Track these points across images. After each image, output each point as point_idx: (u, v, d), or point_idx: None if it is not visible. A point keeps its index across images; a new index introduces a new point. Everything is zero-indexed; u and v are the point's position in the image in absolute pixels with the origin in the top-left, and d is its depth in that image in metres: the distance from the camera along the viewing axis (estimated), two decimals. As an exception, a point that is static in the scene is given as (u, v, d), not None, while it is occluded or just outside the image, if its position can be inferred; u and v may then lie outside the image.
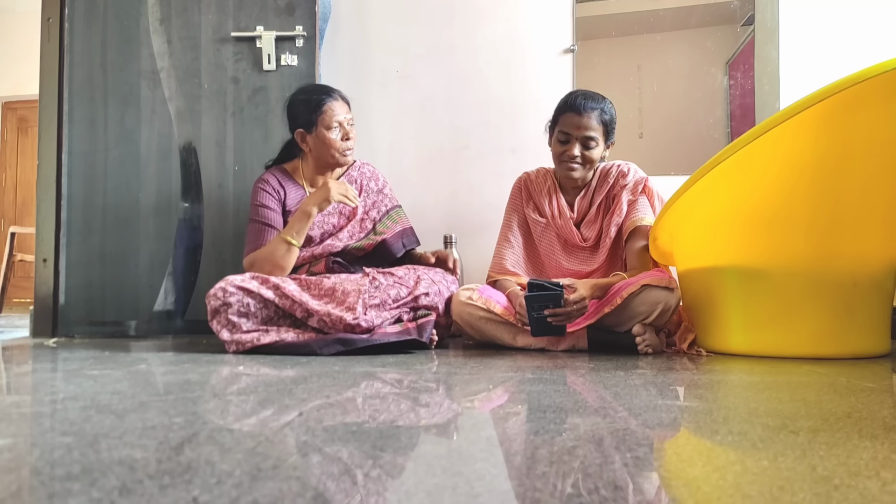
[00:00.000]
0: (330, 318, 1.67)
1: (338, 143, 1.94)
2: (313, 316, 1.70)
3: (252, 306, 1.72)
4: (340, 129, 1.95)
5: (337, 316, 1.67)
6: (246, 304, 1.71)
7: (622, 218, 1.95)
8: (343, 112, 1.96)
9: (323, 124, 1.93)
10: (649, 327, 1.72)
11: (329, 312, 1.68)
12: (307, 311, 1.71)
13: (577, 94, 1.92)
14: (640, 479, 0.59)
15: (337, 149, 1.95)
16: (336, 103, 1.95)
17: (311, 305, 1.70)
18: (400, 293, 1.79)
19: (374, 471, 0.61)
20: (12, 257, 3.82)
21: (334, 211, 2.00)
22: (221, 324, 1.71)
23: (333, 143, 1.94)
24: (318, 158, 1.98)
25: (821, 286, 1.59)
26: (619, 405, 0.96)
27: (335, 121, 1.93)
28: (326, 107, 1.93)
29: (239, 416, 0.86)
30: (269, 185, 1.98)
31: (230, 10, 2.38)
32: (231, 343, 1.69)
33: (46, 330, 2.35)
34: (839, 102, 1.40)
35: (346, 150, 1.97)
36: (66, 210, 2.38)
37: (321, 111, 1.93)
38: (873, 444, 0.72)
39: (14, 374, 1.35)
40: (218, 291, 1.71)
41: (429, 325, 1.79)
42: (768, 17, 2.44)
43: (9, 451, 0.67)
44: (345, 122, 1.96)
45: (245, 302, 1.71)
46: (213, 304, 1.71)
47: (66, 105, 2.39)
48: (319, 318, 1.69)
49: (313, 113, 1.93)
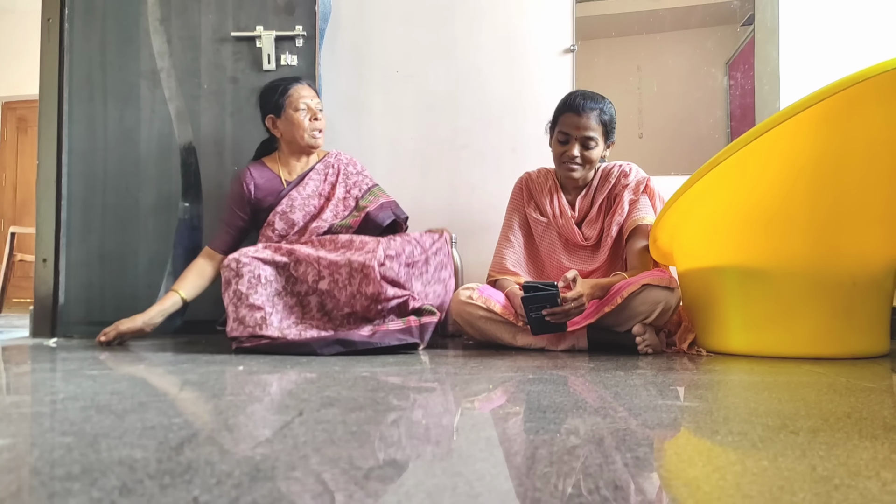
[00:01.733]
0: (350, 267, 1.72)
1: (306, 124, 2.01)
2: (324, 279, 1.74)
3: (262, 277, 1.74)
4: (308, 111, 2.02)
5: (359, 262, 1.71)
6: (257, 276, 1.74)
7: (623, 217, 1.95)
8: (310, 96, 2.04)
9: (291, 106, 2.01)
10: (649, 327, 1.72)
11: (350, 260, 1.73)
12: (319, 273, 1.75)
13: (577, 94, 1.92)
14: (641, 479, 0.59)
15: (305, 129, 2.01)
16: (302, 88, 2.04)
17: (329, 258, 1.75)
18: (414, 251, 1.84)
19: (374, 471, 0.61)
20: (12, 257, 3.82)
21: (314, 193, 2.04)
22: (230, 297, 1.74)
23: (302, 123, 2.01)
24: (290, 142, 2.05)
25: (820, 286, 1.59)
26: (619, 405, 0.96)
27: (302, 102, 2.01)
28: (292, 90, 2.02)
29: (239, 416, 0.86)
30: (239, 183, 2.04)
31: (230, 9, 2.38)
32: (236, 323, 1.70)
33: (46, 330, 2.35)
34: (839, 102, 1.40)
35: (315, 131, 2.03)
36: (65, 210, 2.38)
37: (287, 94, 2.02)
38: (873, 444, 0.72)
39: (14, 374, 1.35)
40: (231, 262, 1.76)
41: (430, 327, 1.79)
42: (768, 17, 2.44)
43: (9, 451, 0.67)
44: (312, 105, 2.03)
45: (256, 273, 1.74)
46: (226, 274, 1.75)
47: (65, 105, 2.39)
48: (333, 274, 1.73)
49: (280, 97, 2.02)
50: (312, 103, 2.03)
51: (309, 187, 2.04)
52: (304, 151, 2.07)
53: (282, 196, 2.01)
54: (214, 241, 2.06)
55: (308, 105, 2.02)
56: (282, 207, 1.99)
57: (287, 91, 2.02)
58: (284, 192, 2.02)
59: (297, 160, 2.09)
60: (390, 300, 1.74)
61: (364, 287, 1.71)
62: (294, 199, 2.01)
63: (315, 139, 2.04)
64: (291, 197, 2.01)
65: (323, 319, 1.77)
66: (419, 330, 1.76)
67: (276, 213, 1.99)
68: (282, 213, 1.99)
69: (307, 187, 2.04)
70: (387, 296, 1.72)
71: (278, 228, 1.99)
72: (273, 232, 2.00)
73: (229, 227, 2.05)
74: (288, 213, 1.99)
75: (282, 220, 1.99)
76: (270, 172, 2.07)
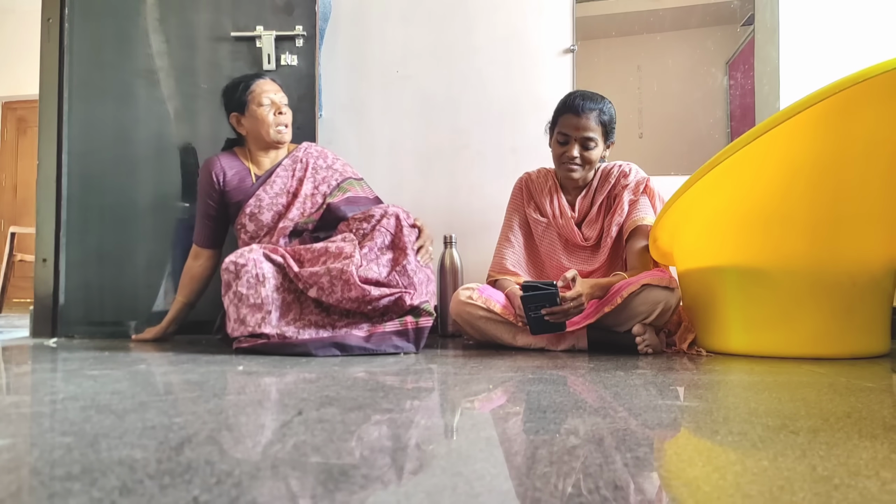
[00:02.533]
0: (330, 275, 1.70)
1: (270, 119, 1.99)
2: (312, 287, 1.73)
3: (261, 275, 1.73)
4: (273, 105, 2.00)
5: (337, 269, 1.70)
6: (255, 275, 1.72)
7: (623, 217, 1.95)
8: (273, 90, 2.02)
9: (254, 102, 1.98)
10: (649, 327, 1.72)
11: (329, 268, 1.71)
12: (305, 283, 1.74)
13: (576, 94, 1.92)
14: (641, 479, 0.59)
15: (270, 124, 1.99)
16: (265, 83, 2.02)
17: (309, 270, 1.73)
18: (385, 240, 1.83)
19: (373, 471, 0.61)
20: (12, 257, 3.82)
21: (282, 191, 2.00)
22: (230, 298, 1.73)
23: (266, 119, 1.98)
24: (256, 139, 2.02)
25: (820, 286, 1.59)
26: (619, 405, 0.96)
27: (265, 97, 1.99)
28: (255, 85, 2.00)
29: (239, 416, 0.86)
30: (207, 172, 2.02)
31: (229, 9, 2.38)
32: (237, 323, 1.70)
33: (46, 330, 2.35)
34: (839, 102, 1.40)
35: (281, 126, 2.01)
36: (65, 210, 2.38)
37: (250, 90, 1.99)
38: (873, 443, 0.72)
39: (14, 374, 1.35)
40: (230, 265, 1.74)
41: (426, 332, 1.76)
42: (768, 17, 2.44)
43: (9, 451, 0.67)
44: (276, 99, 2.01)
45: (254, 273, 1.72)
46: (226, 276, 1.74)
47: (65, 105, 2.39)
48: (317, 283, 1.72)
49: (243, 94, 1.99)
50: (276, 98, 2.00)
51: (276, 185, 2.00)
52: (270, 147, 2.04)
53: (250, 193, 1.98)
54: (196, 236, 2.07)
55: (272, 100, 1.99)
56: (251, 209, 1.96)
57: (249, 87, 1.99)
58: (253, 189, 1.99)
59: (264, 155, 2.06)
60: (379, 299, 1.72)
61: (347, 293, 1.70)
62: (262, 199, 1.97)
63: (280, 134, 2.01)
64: (259, 197, 1.97)
65: (321, 316, 1.76)
66: (415, 334, 1.74)
67: (246, 214, 1.97)
68: (251, 215, 1.96)
69: (275, 185, 2.00)
70: (372, 296, 1.70)
71: (250, 230, 1.97)
72: (245, 234, 1.98)
73: (205, 218, 2.04)
74: (257, 213, 1.96)
75: (252, 221, 1.97)
76: (240, 164, 2.05)
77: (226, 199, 2.01)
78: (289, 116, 2.03)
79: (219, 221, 2.05)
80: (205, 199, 2.02)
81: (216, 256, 2.09)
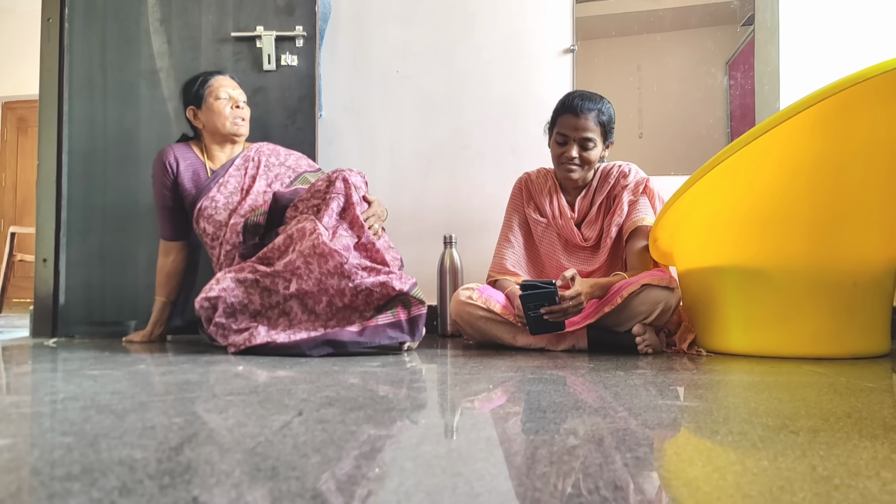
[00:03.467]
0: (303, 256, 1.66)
1: (227, 111, 1.99)
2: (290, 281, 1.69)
3: (237, 304, 1.72)
4: (230, 100, 2.00)
5: (308, 246, 1.66)
6: (230, 304, 1.71)
7: (623, 218, 1.95)
8: (231, 86, 2.03)
9: (211, 96, 2.00)
10: (649, 327, 1.72)
11: (300, 251, 1.67)
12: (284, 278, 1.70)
13: (575, 95, 1.92)
14: (641, 479, 0.59)
15: (227, 116, 1.99)
16: (223, 79, 2.04)
17: (283, 260, 1.70)
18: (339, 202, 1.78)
19: (374, 471, 0.61)
20: (12, 257, 3.82)
21: (236, 190, 1.99)
22: (214, 331, 1.72)
23: (223, 111, 1.99)
24: (213, 131, 2.02)
25: (821, 286, 1.59)
26: (619, 405, 0.96)
27: (223, 91, 2.00)
28: (213, 80, 2.02)
29: (239, 416, 0.86)
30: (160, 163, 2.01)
31: (230, 10, 2.38)
32: (228, 346, 1.70)
33: (46, 330, 2.35)
34: (839, 102, 1.40)
35: (238, 119, 2.01)
36: (65, 210, 2.38)
37: (208, 84, 2.01)
38: (873, 444, 0.72)
39: (14, 374, 1.35)
40: (203, 301, 1.72)
41: (421, 320, 1.71)
42: (768, 17, 2.44)
43: (9, 451, 0.67)
44: (234, 94, 2.01)
45: (230, 302, 1.71)
46: (204, 314, 1.73)
47: (65, 105, 2.39)
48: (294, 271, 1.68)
49: (201, 88, 2.01)
50: (234, 93, 2.02)
51: (231, 184, 1.99)
52: (227, 140, 2.03)
53: (204, 189, 1.97)
54: (161, 231, 2.07)
55: (230, 94, 2.00)
56: (207, 210, 1.94)
57: (207, 82, 2.01)
58: (206, 185, 1.97)
59: (220, 149, 2.05)
60: (357, 271, 1.67)
61: (324, 265, 1.66)
62: (217, 200, 1.96)
63: (238, 126, 2.01)
64: (214, 199, 1.95)
65: (311, 319, 1.71)
66: (409, 324, 1.69)
67: (204, 216, 1.95)
68: (208, 217, 1.94)
69: (229, 184, 1.99)
70: (351, 264, 1.66)
71: (209, 232, 1.95)
72: (207, 237, 1.96)
73: (164, 210, 2.04)
74: (213, 215, 1.94)
75: (209, 223, 1.95)
76: (195, 156, 2.04)
77: (179, 191, 2.00)
78: (246, 112, 2.04)
79: (178, 212, 2.04)
80: (160, 189, 2.02)
81: (186, 247, 2.10)
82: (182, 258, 2.09)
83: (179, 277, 2.10)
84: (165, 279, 2.08)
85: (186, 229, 2.08)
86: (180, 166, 2.00)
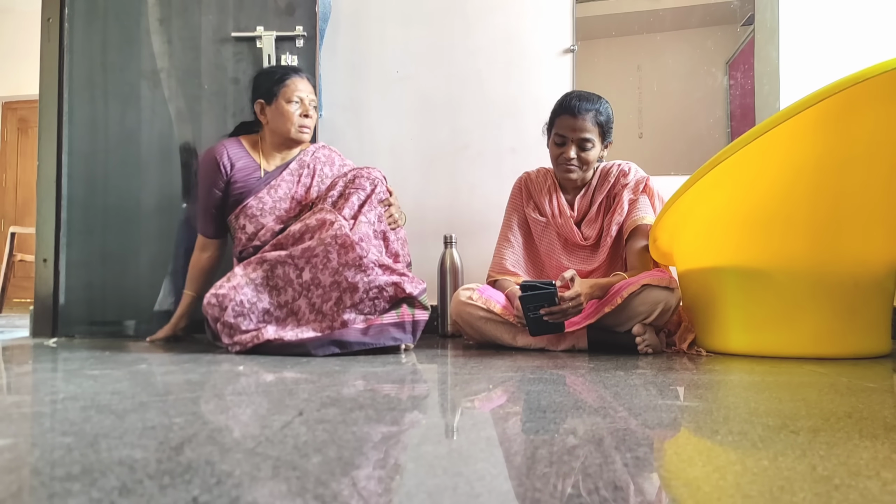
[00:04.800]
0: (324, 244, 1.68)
1: (295, 117, 1.95)
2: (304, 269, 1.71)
3: (246, 302, 1.71)
4: (301, 105, 1.96)
5: (330, 235, 1.68)
6: (240, 302, 1.70)
7: (623, 217, 1.94)
8: (306, 90, 1.98)
9: (284, 97, 1.94)
10: (649, 327, 1.72)
11: (321, 238, 1.69)
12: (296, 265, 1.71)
13: (573, 95, 1.92)
14: (641, 479, 0.59)
15: (294, 122, 1.95)
16: (300, 80, 1.98)
17: (301, 247, 1.71)
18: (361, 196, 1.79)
19: (375, 471, 0.61)
20: (12, 257, 3.82)
21: (286, 196, 1.96)
22: (220, 329, 1.71)
23: (291, 117, 1.94)
24: (275, 132, 1.97)
25: (822, 286, 1.59)
26: (619, 405, 0.96)
27: (296, 95, 1.95)
28: (290, 81, 1.96)
29: (239, 416, 0.86)
30: (213, 159, 1.95)
31: (230, 10, 2.38)
32: (233, 345, 1.69)
33: (46, 330, 2.35)
34: (839, 102, 1.40)
35: (303, 127, 1.97)
36: (66, 210, 2.38)
37: (284, 84, 1.95)
38: (874, 444, 0.72)
39: (14, 374, 1.35)
40: (211, 298, 1.71)
41: (422, 325, 1.75)
42: (768, 17, 2.44)
43: (9, 451, 0.67)
44: (306, 99, 1.97)
45: (239, 300, 1.70)
46: (211, 312, 1.71)
47: (66, 105, 2.39)
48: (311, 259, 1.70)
49: (276, 85, 1.95)
50: (307, 98, 1.97)
51: (281, 189, 1.96)
52: (287, 145, 2.00)
53: (253, 189, 1.94)
54: (203, 228, 2.03)
55: (302, 98, 1.96)
56: (252, 210, 1.91)
57: (284, 80, 1.95)
58: (257, 186, 1.94)
59: (277, 152, 2.01)
60: (374, 267, 1.69)
61: (344, 255, 1.68)
62: (265, 202, 1.92)
63: (302, 134, 1.97)
64: (262, 200, 1.92)
65: (317, 318, 1.71)
66: (412, 326, 1.73)
67: (247, 215, 1.92)
68: (252, 217, 1.91)
69: (279, 189, 1.95)
70: (370, 259, 1.69)
71: (248, 231, 1.92)
72: (244, 234, 1.93)
73: (211, 208, 1.98)
74: (258, 216, 1.91)
75: (251, 223, 1.92)
76: (248, 157, 1.99)
77: (229, 189, 1.96)
78: (314, 119, 2.00)
79: (223, 211, 2.00)
80: (210, 188, 1.96)
81: (223, 245, 2.09)
82: (218, 255, 2.07)
83: (212, 273, 2.06)
84: (199, 274, 2.06)
85: (226, 228, 2.05)
86: (235, 167, 1.95)
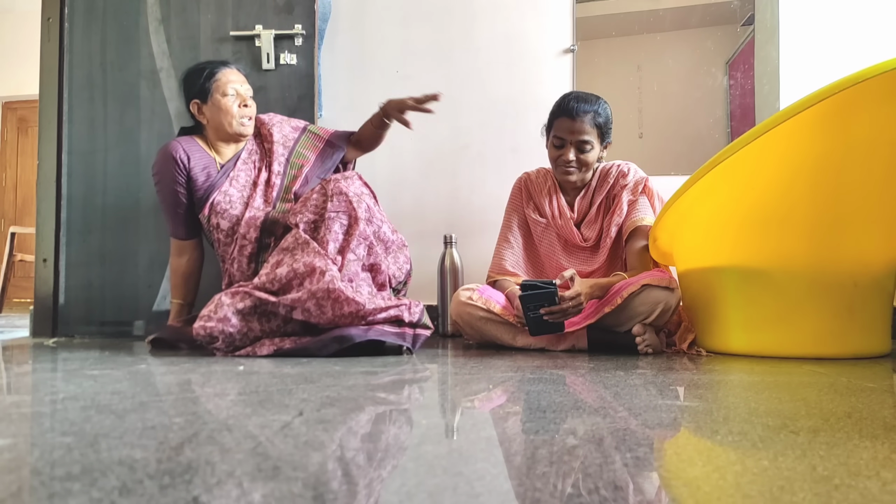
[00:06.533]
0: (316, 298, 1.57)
1: (235, 110, 1.91)
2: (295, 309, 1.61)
3: (236, 334, 1.62)
4: (237, 97, 1.92)
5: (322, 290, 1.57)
6: (230, 335, 1.61)
7: (622, 218, 1.94)
8: (239, 81, 1.94)
9: (218, 91, 1.90)
10: (649, 327, 1.72)
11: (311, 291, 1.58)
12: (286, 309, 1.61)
13: (571, 97, 1.91)
14: (641, 479, 0.59)
15: (234, 115, 1.90)
16: (231, 72, 1.93)
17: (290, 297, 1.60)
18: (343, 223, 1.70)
19: (375, 471, 0.61)
20: (12, 257, 3.82)
21: (247, 183, 1.92)
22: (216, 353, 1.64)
23: (230, 109, 1.90)
24: (217, 129, 1.93)
25: (821, 286, 1.59)
26: (619, 405, 0.96)
27: (231, 87, 1.91)
28: (220, 74, 1.91)
29: (239, 416, 0.86)
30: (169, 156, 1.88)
31: (229, 9, 2.38)
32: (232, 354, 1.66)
33: (46, 330, 2.35)
34: (839, 102, 1.40)
35: (244, 118, 1.93)
36: (66, 210, 2.38)
37: (215, 78, 1.90)
38: (874, 444, 0.72)
39: (14, 374, 1.35)
40: (200, 330, 1.60)
41: (422, 339, 1.71)
42: (768, 17, 2.44)
43: (9, 451, 0.67)
44: (241, 90, 1.93)
45: (228, 332, 1.60)
46: (203, 340, 1.63)
47: (66, 105, 2.39)
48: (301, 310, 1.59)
49: (208, 80, 1.90)
50: (242, 89, 1.93)
51: (241, 178, 1.92)
52: (232, 139, 1.96)
53: (217, 185, 1.90)
54: (173, 230, 1.97)
55: (237, 90, 1.91)
56: (221, 206, 1.87)
57: (214, 75, 1.90)
58: (219, 180, 1.90)
59: (225, 146, 1.98)
60: (375, 313, 1.63)
61: (339, 310, 1.59)
62: (231, 194, 1.89)
63: (244, 126, 1.93)
64: (228, 193, 1.88)
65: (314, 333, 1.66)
66: (413, 339, 1.68)
67: (216, 211, 1.87)
68: (222, 212, 1.87)
69: (240, 178, 1.92)
70: (367, 310, 1.61)
71: (224, 228, 1.87)
72: (220, 233, 1.88)
73: (176, 207, 1.92)
74: (229, 209, 1.87)
75: (224, 218, 1.87)
76: (202, 151, 1.94)
77: (192, 186, 1.90)
78: (253, 109, 1.96)
79: (191, 209, 1.94)
80: (171, 186, 1.89)
81: (199, 246, 2.03)
82: (197, 257, 2.01)
83: (196, 277, 2.02)
84: (182, 281, 1.99)
85: (199, 226, 2.00)
86: (192, 159, 1.90)
